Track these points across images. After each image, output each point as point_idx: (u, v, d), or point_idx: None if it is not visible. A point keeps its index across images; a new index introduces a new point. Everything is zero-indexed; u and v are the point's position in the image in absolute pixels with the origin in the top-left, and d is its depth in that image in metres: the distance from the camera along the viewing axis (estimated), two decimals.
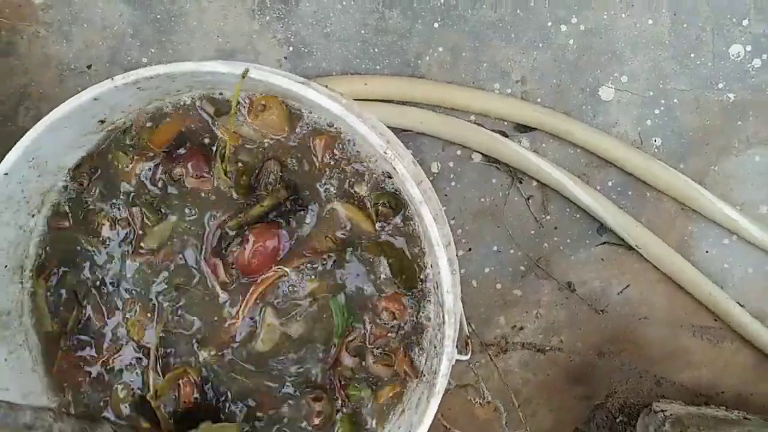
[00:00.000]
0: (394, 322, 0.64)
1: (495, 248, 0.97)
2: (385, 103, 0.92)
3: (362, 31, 0.93)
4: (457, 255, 0.71)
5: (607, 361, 1.01)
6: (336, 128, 0.61)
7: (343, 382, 0.65)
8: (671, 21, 0.92)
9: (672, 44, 0.93)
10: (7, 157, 0.54)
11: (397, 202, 0.62)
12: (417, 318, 0.64)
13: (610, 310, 0.99)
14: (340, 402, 0.65)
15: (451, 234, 0.64)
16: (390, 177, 0.61)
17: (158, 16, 0.93)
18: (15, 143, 0.96)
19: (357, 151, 0.61)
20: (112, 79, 0.52)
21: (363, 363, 0.65)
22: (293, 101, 0.60)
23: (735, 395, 1.01)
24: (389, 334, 0.64)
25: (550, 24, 0.93)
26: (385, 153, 0.53)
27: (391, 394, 0.65)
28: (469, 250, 0.98)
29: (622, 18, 0.92)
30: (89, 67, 0.94)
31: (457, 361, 0.60)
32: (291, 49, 0.93)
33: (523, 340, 1.00)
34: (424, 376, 0.63)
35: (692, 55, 0.93)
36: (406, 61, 0.93)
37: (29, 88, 0.95)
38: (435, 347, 0.60)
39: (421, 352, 0.64)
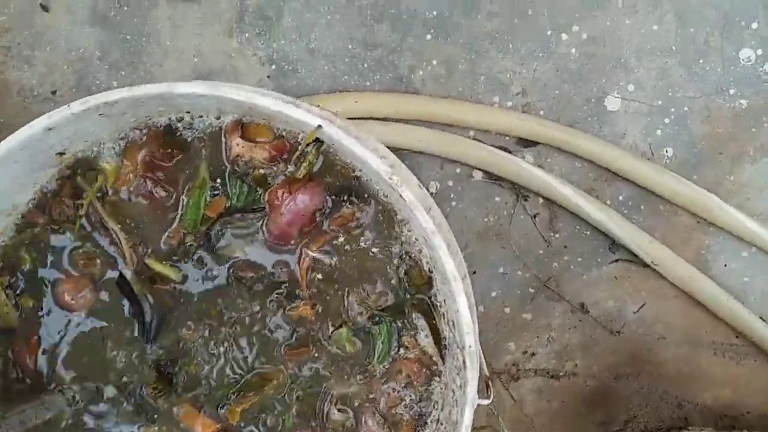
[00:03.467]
0: (407, 390, 0.57)
1: (501, 270, 0.91)
2: (378, 121, 0.86)
3: (350, 46, 0.87)
4: None
5: (624, 384, 0.94)
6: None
7: None
8: (677, 25, 0.87)
9: (679, 50, 0.88)
10: None
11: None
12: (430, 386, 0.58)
13: (626, 331, 0.93)
14: None
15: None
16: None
17: (128, 36, 0.86)
18: None
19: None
20: (69, 105, 0.45)
21: (355, 423, 0.58)
22: (281, 124, 0.54)
23: (761, 415, 0.95)
24: (401, 403, 0.57)
25: (549, 33, 0.87)
26: (390, 179, 0.47)
27: None
28: (474, 273, 0.91)
29: (626, 24, 0.87)
30: (54, 93, 0.87)
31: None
32: (273, 67, 0.87)
33: (536, 366, 0.93)
34: (442, 425, 0.55)
35: (701, 60, 0.88)
36: (398, 76, 0.87)
37: None
38: (453, 393, 0.53)
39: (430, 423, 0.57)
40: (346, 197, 0.56)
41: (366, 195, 0.56)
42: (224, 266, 0.56)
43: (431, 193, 0.89)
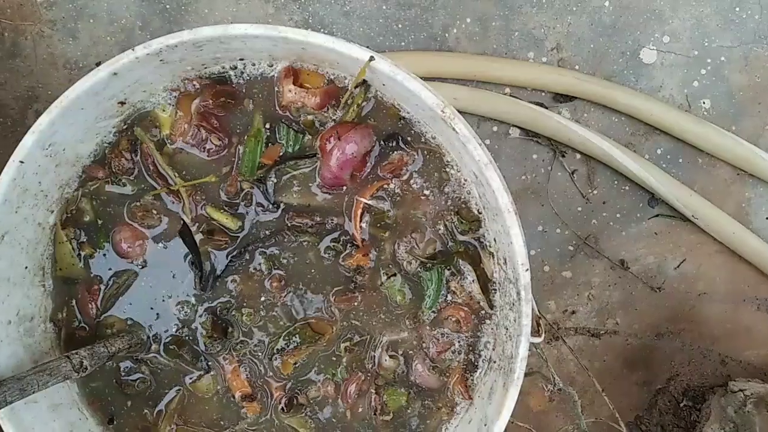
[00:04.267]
0: (457, 334, 0.58)
1: (540, 228, 0.91)
2: None
3: (383, 7, 0.87)
4: None
5: (666, 342, 0.94)
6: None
7: (380, 384, 0.59)
8: None
9: None
10: (21, 143, 0.49)
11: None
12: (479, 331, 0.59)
13: (667, 287, 0.93)
14: (376, 407, 0.59)
15: None
16: None
17: (167, 6, 0.87)
18: None
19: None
20: (133, 49, 0.47)
21: (406, 369, 0.59)
22: (331, 68, 0.55)
23: None
24: (450, 348, 0.58)
25: None
26: (443, 112, 0.47)
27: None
28: None
29: None
30: (98, 64, 0.89)
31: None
32: (309, 30, 0.88)
33: (576, 325, 0.93)
34: (495, 363, 0.56)
35: (737, 8, 0.87)
36: (432, 35, 0.88)
37: (37, 90, 0.90)
38: (507, 329, 0.54)
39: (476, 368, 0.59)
40: (394, 143, 0.57)
41: (413, 139, 0.57)
42: (279, 213, 0.58)
43: None
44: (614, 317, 0.93)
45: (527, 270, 0.48)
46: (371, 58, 0.47)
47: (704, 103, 0.88)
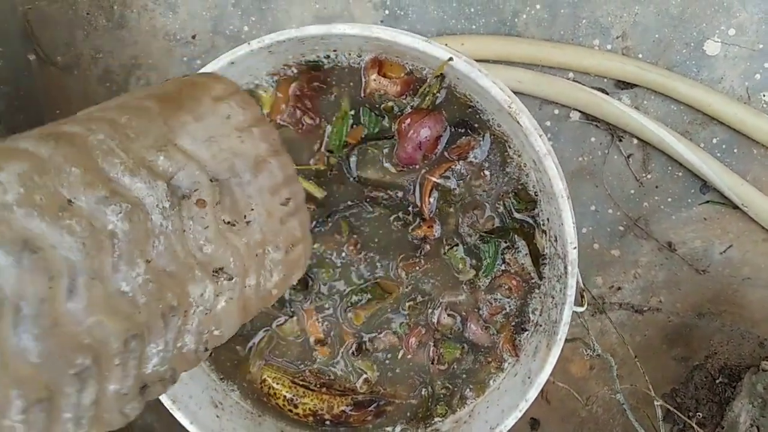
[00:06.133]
0: (508, 300, 0.66)
1: (593, 208, 0.97)
2: (482, 63, 0.92)
3: None
4: None
5: (707, 321, 0.99)
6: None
7: (438, 338, 0.68)
8: None
9: None
10: None
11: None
12: (528, 299, 0.66)
13: (712, 271, 0.97)
14: (433, 359, 0.68)
15: None
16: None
17: None
18: None
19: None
20: (249, 43, 0.55)
21: (462, 327, 0.68)
22: (412, 61, 0.62)
23: None
24: (501, 312, 0.66)
25: None
26: (509, 107, 0.54)
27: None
28: None
29: None
30: (194, 37, 0.98)
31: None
32: (387, 12, 0.94)
33: (621, 300, 0.99)
34: (541, 326, 0.64)
35: None
36: (502, 19, 0.93)
37: (139, 58, 1.00)
38: (553, 298, 0.62)
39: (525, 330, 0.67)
40: (463, 129, 0.64)
41: (480, 126, 0.64)
42: (359, 186, 0.66)
43: None
44: (658, 295, 0.99)
45: (575, 248, 0.55)
46: (450, 58, 0.54)
47: (764, 95, 0.91)
